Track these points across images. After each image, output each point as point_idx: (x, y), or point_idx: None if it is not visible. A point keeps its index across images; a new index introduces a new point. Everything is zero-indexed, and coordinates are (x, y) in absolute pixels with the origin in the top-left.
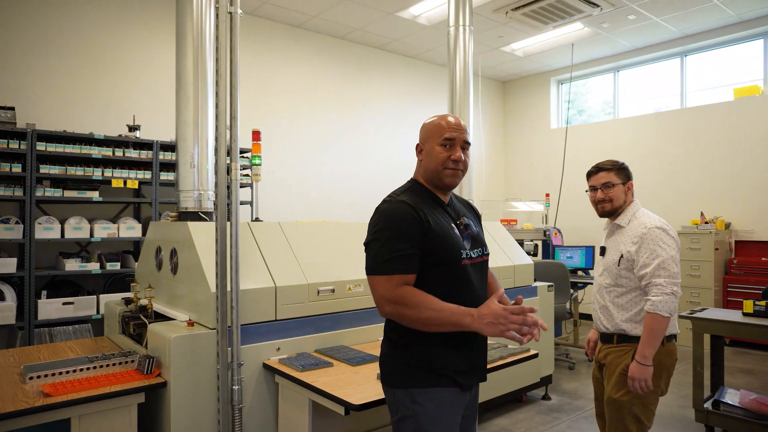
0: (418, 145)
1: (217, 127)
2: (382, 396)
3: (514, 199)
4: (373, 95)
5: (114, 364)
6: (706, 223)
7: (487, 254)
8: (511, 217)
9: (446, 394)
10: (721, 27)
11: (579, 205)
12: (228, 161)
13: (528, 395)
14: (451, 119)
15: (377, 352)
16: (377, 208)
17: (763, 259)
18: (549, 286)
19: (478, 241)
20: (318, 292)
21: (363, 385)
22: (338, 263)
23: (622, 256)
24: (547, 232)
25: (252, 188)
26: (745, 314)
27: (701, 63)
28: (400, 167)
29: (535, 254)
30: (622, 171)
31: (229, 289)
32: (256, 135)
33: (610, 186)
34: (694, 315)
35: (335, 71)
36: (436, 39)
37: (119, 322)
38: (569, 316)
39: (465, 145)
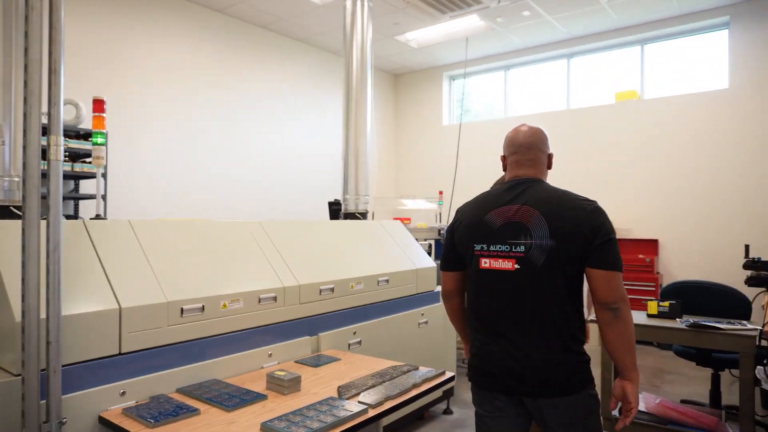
0: (550, 154)
1: (26, 82)
2: None
3: (405, 197)
4: (256, 79)
5: None
6: None
7: None
8: (403, 216)
9: None
10: (604, 31)
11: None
12: (48, 137)
13: (429, 411)
14: None
15: (260, 385)
16: (596, 207)
17: (640, 256)
18: None
19: None
20: (182, 311)
21: None
22: (211, 273)
23: None
24: (442, 231)
25: (98, 178)
26: (649, 316)
27: (585, 65)
28: (288, 162)
29: (429, 254)
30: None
31: (43, 315)
32: (98, 105)
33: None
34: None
35: (214, 50)
36: (329, 21)
37: None
38: None
39: None
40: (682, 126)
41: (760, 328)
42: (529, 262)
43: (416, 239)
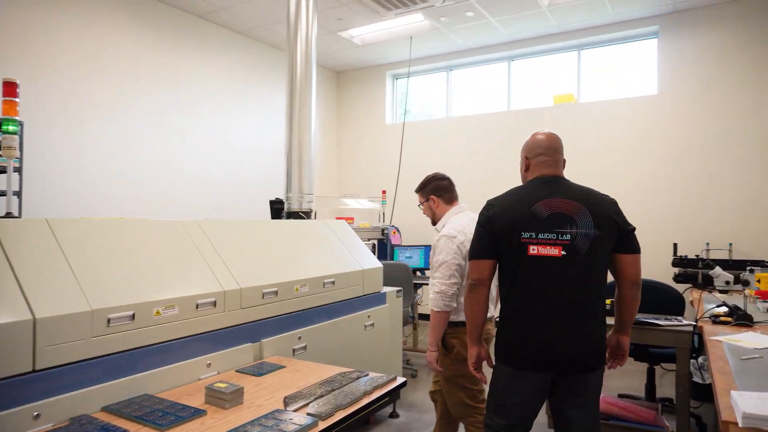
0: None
1: None
2: None
3: (348, 196)
4: (194, 72)
5: None
6: None
7: None
8: (346, 215)
9: None
10: (544, 35)
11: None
12: None
13: (375, 415)
14: None
15: (199, 399)
16: (614, 200)
17: None
18: (398, 291)
19: None
20: (108, 321)
21: None
22: (142, 278)
23: None
24: (386, 231)
25: (10, 172)
26: None
27: (526, 68)
28: (232, 158)
29: (373, 254)
30: (422, 190)
31: None
32: (9, 88)
33: (420, 205)
34: None
35: (148, 39)
36: (271, 12)
37: None
38: (412, 320)
39: None
40: (615, 130)
41: (694, 323)
42: (573, 250)
43: (360, 239)
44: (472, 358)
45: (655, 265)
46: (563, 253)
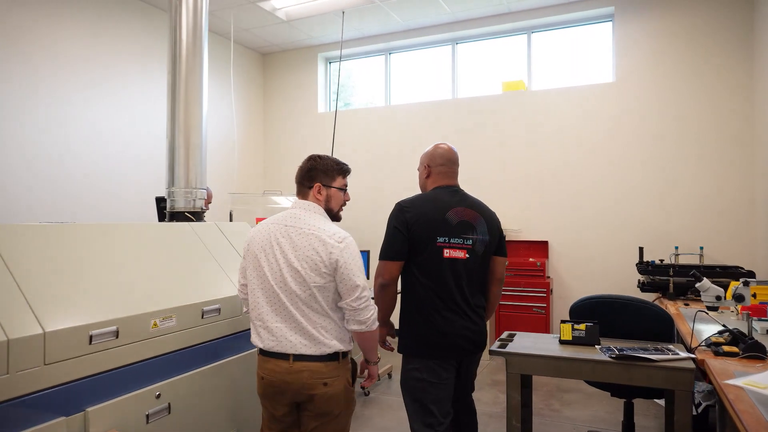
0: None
1: None
2: None
3: (274, 193)
4: (47, 36)
5: None
6: None
7: None
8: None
9: None
10: (491, 16)
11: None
12: None
13: None
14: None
15: None
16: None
17: (531, 259)
18: None
19: None
20: None
21: None
22: None
23: None
24: None
25: None
26: (562, 342)
27: (472, 53)
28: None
29: None
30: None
31: None
32: None
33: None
34: (505, 350)
35: None
36: None
37: None
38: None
39: None
40: (570, 120)
41: (693, 355)
42: (474, 252)
43: None
44: (382, 337)
45: (617, 272)
46: (467, 255)
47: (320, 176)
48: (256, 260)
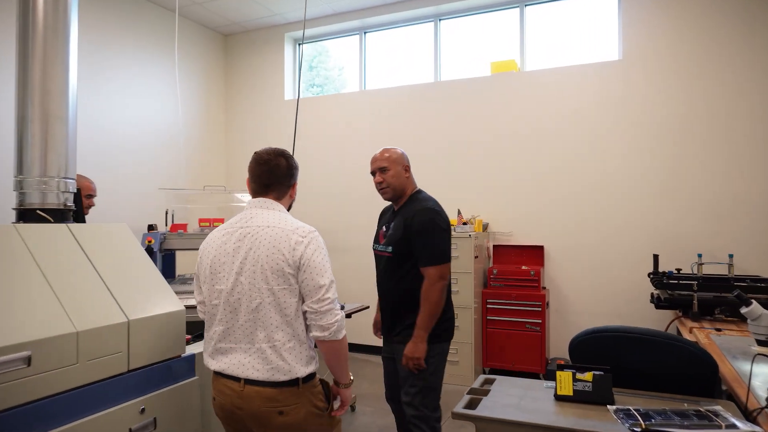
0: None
1: None
2: None
3: (238, 191)
4: None
5: None
6: (464, 224)
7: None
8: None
9: None
10: None
11: (323, 198)
12: None
13: None
14: (375, 154)
15: None
16: None
17: (524, 267)
18: None
19: (387, 240)
20: None
21: None
22: None
23: None
24: None
25: None
26: (559, 398)
27: (457, 30)
28: None
29: None
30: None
31: None
32: None
33: None
34: (474, 412)
35: None
36: None
37: None
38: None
39: (382, 170)
40: (570, 103)
41: (757, 428)
42: None
43: None
44: (421, 351)
45: (626, 283)
46: None
47: (296, 174)
48: (209, 273)
